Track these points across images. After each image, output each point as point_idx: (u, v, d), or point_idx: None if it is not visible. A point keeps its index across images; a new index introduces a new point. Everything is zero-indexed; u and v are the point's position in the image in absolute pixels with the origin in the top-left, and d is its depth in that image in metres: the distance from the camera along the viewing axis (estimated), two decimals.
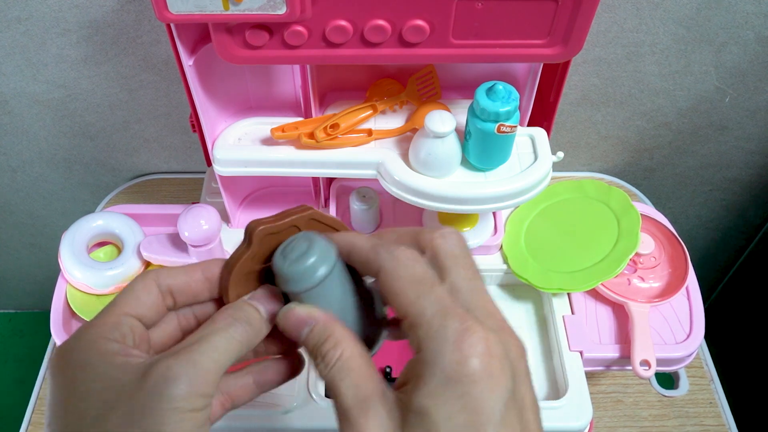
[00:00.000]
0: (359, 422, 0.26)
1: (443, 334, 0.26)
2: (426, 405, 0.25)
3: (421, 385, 0.26)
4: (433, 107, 0.54)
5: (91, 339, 0.29)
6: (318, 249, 0.30)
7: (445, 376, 0.25)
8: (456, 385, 0.25)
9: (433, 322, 0.26)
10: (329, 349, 0.28)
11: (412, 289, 0.28)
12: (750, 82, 0.72)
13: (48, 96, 0.74)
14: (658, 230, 0.65)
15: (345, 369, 0.28)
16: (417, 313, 0.27)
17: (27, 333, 1.38)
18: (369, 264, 0.30)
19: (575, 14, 0.44)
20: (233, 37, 0.45)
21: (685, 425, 0.64)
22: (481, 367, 0.25)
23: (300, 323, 0.30)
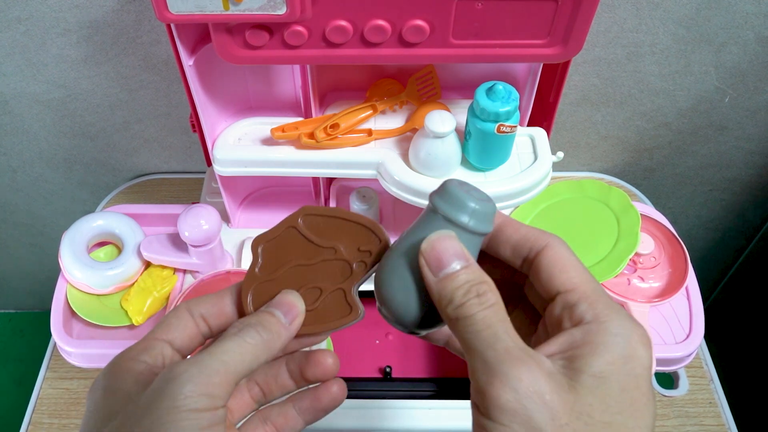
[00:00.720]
0: (528, 366, 0.25)
1: (623, 314, 0.27)
2: (608, 371, 0.25)
3: (602, 352, 0.26)
4: (433, 107, 0.54)
5: (121, 362, 0.29)
6: (493, 205, 0.29)
7: (628, 351, 0.26)
8: (634, 363, 0.26)
9: (609, 302, 0.27)
10: (488, 291, 0.27)
11: (584, 272, 0.28)
12: (750, 82, 0.72)
13: (48, 96, 0.74)
14: (658, 230, 0.65)
15: (502, 316, 0.26)
16: (591, 289, 0.27)
17: (27, 333, 1.38)
18: (531, 238, 0.29)
19: (575, 14, 0.44)
20: (233, 37, 0.45)
21: (685, 425, 0.64)
22: (650, 361, 0.26)
23: (457, 254, 0.27)
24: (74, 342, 0.59)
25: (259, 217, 0.68)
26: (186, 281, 0.63)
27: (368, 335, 0.76)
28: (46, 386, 0.70)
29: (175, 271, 0.63)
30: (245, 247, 0.64)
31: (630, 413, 0.25)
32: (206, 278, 0.58)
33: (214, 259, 0.61)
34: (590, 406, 0.25)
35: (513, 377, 0.24)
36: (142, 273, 0.63)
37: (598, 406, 0.25)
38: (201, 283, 0.57)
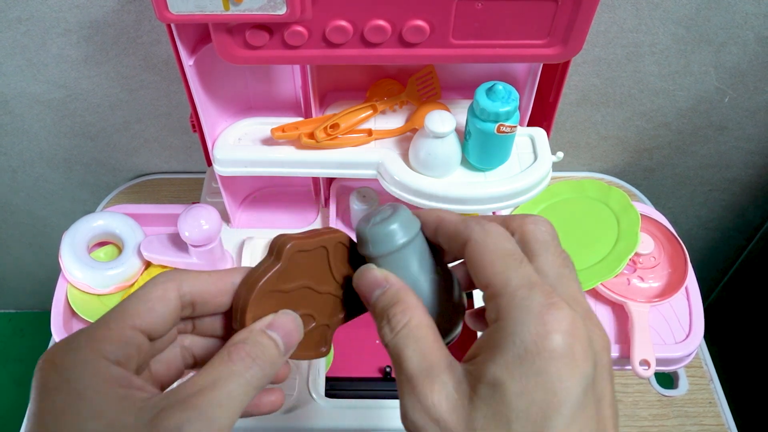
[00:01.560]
0: (424, 391, 0.25)
1: (527, 305, 0.24)
2: (500, 377, 0.23)
3: (496, 356, 0.24)
4: (433, 107, 0.54)
5: (89, 357, 0.25)
6: (401, 217, 0.30)
7: (525, 348, 0.23)
8: (534, 359, 0.23)
9: (517, 293, 0.25)
10: (397, 313, 0.27)
11: (499, 261, 0.26)
12: (749, 82, 0.72)
13: (48, 96, 0.74)
14: (658, 230, 0.65)
15: (411, 336, 0.26)
16: (502, 282, 0.25)
17: (27, 333, 1.38)
18: (458, 235, 0.28)
19: (575, 14, 0.44)
20: (233, 37, 0.45)
21: (685, 425, 0.64)
22: (563, 345, 0.23)
23: (375, 284, 0.29)
24: None
25: (259, 217, 0.68)
26: None
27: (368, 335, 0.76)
28: None
29: None
30: (245, 247, 0.64)
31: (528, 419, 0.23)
32: None
33: (214, 259, 0.61)
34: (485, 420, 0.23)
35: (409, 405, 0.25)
36: (142, 273, 0.63)
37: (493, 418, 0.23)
38: None
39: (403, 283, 0.29)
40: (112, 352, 0.25)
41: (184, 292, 0.28)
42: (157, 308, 0.27)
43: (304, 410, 0.54)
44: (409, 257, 0.30)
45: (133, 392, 0.25)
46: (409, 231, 0.30)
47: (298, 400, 0.54)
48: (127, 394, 0.25)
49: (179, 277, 0.28)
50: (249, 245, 0.64)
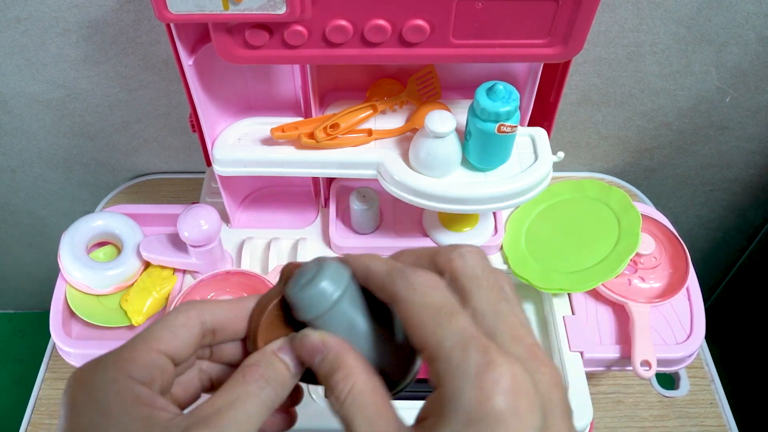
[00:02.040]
0: None
1: (464, 369, 0.23)
2: None
3: (443, 425, 0.23)
4: (433, 107, 0.54)
5: (116, 376, 0.26)
6: (328, 272, 0.28)
7: (467, 416, 0.23)
8: (479, 426, 0.22)
9: (452, 356, 0.24)
10: (339, 381, 0.27)
11: (430, 319, 0.25)
12: (750, 82, 0.72)
13: (47, 96, 0.74)
14: (659, 230, 0.65)
15: (356, 404, 0.26)
16: (436, 344, 0.24)
17: (27, 333, 1.38)
18: (384, 291, 0.27)
19: (575, 14, 0.44)
20: (233, 37, 0.45)
21: (686, 425, 0.64)
22: (506, 406, 0.23)
23: (314, 351, 0.28)
24: (73, 342, 0.59)
25: (259, 217, 0.68)
26: (186, 281, 0.63)
27: None
28: (45, 386, 0.70)
29: (175, 271, 0.63)
30: (245, 248, 0.64)
31: None
32: (206, 278, 0.57)
33: (213, 260, 0.61)
34: None
35: None
36: (141, 273, 0.63)
37: None
38: (201, 283, 0.57)
39: (343, 343, 0.28)
40: (137, 372, 0.26)
41: (205, 319, 0.29)
42: (181, 334, 0.28)
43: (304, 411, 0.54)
44: (344, 312, 0.29)
45: (157, 412, 0.26)
46: (338, 284, 0.28)
47: None
48: (151, 413, 0.26)
49: (201, 306, 0.30)
50: (249, 245, 0.64)
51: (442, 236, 0.63)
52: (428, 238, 0.63)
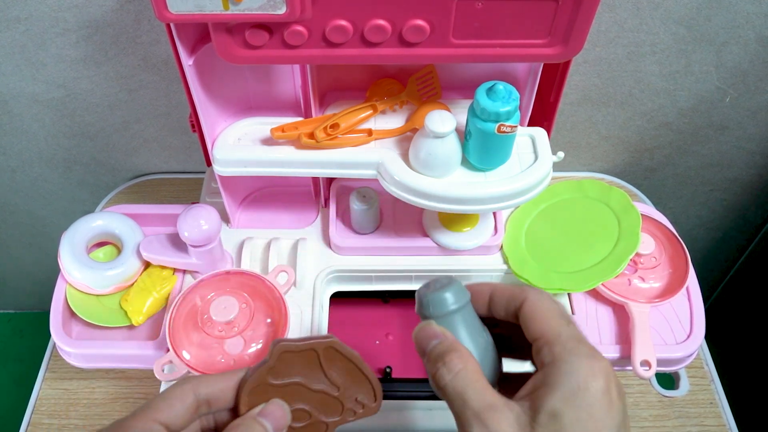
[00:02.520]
0: (492, 422, 0.30)
1: (579, 351, 0.31)
2: (559, 408, 0.30)
3: (554, 391, 0.30)
4: (433, 107, 0.54)
5: None
6: (456, 288, 0.36)
7: (577, 385, 0.30)
8: (585, 395, 0.30)
9: (569, 342, 0.32)
10: (453, 359, 0.33)
11: (553, 318, 0.33)
12: (750, 81, 0.72)
13: (47, 96, 0.74)
14: (659, 230, 0.65)
15: (468, 379, 0.32)
16: (555, 334, 0.32)
17: (27, 333, 1.38)
18: (514, 297, 0.35)
19: (575, 14, 0.44)
20: (233, 37, 0.45)
21: (686, 425, 0.64)
22: (605, 387, 0.30)
23: (433, 335, 0.34)
24: (74, 342, 0.59)
25: (259, 217, 0.68)
26: (186, 281, 0.63)
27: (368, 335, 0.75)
28: (45, 386, 0.70)
29: (175, 271, 0.63)
30: (245, 248, 0.64)
31: None
32: (206, 278, 0.57)
33: (213, 260, 0.61)
34: None
35: (476, 427, 0.30)
36: (141, 273, 0.63)
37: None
38: (201, 283, 0.57)
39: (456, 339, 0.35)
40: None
41: (200, 392, 0.34)
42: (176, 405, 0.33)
43: None
44: (458, 321, 0.36)
45: None
46: (460, 299, 0.36)
47: None
48: None
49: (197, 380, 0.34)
50: (249, 245, 0.64)
51: (442, 236, 0.63)
52: (428, 238, 0.63)
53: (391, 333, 0.75)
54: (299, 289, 0.62)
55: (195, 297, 0.57)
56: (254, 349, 0.55)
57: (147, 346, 0.58)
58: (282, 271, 0.60)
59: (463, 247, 0.63)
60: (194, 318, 0.56)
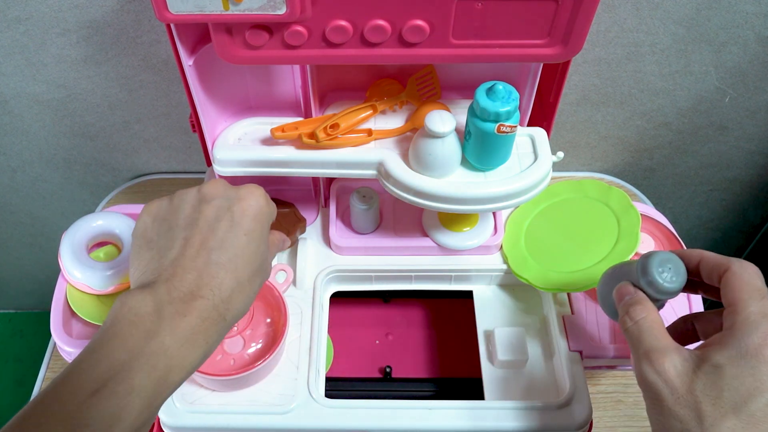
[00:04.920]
0: (660, 361, 0.37)
1: (757, 324, 0.36)
2: (723, 363, 0.35)
3: (724, 350, 0.36)
4: (433, 107, 0.54)
5: None
6: (681, 273, 0.43)
7: (746, 349, 0.35)
8: (752, 358, 0.35)
9: (752, 315, 0.36)
10: (639, 309, 0.41)
11: (748, 290, 0.38)
12: (750, 82, 0.72)
13: (48, 96, 0.74)
14: (658, 230, 0.65)
15: (647, 325, 0.40)
16: (744, 305, 0.37)
17: (27, 333, 1.38)
18: (719, 265, 0.41)
19: (575, 14, 0.44)
20: (233, 37, 0.45)
21: None
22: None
23: (626, 292, 0.43)
24: (74, 342, 0.59)
25: None
26: None
27: (368, 335, 0.75)
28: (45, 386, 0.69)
29: None
30: None
31: (736, 391, 0.35)
32: None
33: None
34: (704, 386, 0.35)
35: (646, 370, 0.38)
36: None
37: (710, 386, 0.35)
38: None
39: (645, 296, 0.42)
40: None
41: None
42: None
43: (304, 410, 0.54)
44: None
45: None
46: (682, 283, 0.43)
47: (298, 401, 0.54)
48: None
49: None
50: None
51: (441, 236, 0.63)
52: (428, 237, 0.63)
53: (391, 333, 0.75)
54: (299, 288, 0.62)
55: None
56: (254, 348, 0.55)
57: None
58: (280, 269, 0.60)
59: (462, 247, 0.63)
60: None
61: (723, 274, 0.39)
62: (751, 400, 0.34)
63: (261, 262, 0.41)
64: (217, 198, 0.41)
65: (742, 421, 0.34)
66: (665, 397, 0.36)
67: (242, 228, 0.40)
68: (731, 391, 0.35)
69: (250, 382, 0.55)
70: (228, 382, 0.53)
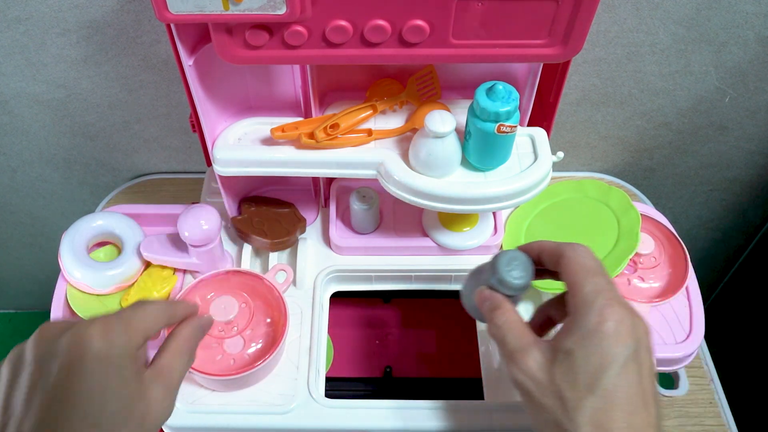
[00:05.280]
0: (523, 360, 0.39)
1: (592, 302, 0.38)
2: (572, 347, 0.37)
3: (570, 334, 0.38)
4: (433, 107, 0.54)
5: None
6: (527, 269, 0.44)
7: (587, 330, 0.37)
8: (594, 337, 0.37)
9: (587, 294, 0.38)
10: (499, 313, 0.42)
11: (580, 273, 0.40)
12: (750, 82, 0.72)
13: (48, 96, 0.74)
14: (658, 230, 0.65)
15: (508, 327, 0.41)
16: (579, 288, 0.39)
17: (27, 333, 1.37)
18: (554, 253, 0.42)
19: (575, 14, 0.44)
20: (233, 37, 0.45)
21: (685, 425, 0.64)
22: (614, 329, 0.37)
23: (486, 297, 0.44)
24: None
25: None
26: (186, 281, 0.63)
27: (368, 335, 0.76)
28: None
29: (175, 271, 0.63)
30: (245, 247, 0.64)
31: (588, 372, 0.37)
32: (206, 278, 0.58)
33: (214, 259, 0.61)
34: (562, 374, 0.37)
35: (513, 370, 0.40)
36: (142, 273, 0.63)
37: (567, 372, 0.37)
38: (201, 283, 0.57)
39: (504, 298, 0.43)
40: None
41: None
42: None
43: (304, 410, 0.54)
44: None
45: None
46: (529, 278, 0.44)
47: (298, 401, 0.54)
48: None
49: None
50: (249, 245, 0.64)
51: (441, 236, 0.63)
52: (428, 237, 0.63)
53: (391, 333, 0.75)
54: (299, 288, 0.62)
55: (195, 297, 0.57)
56: (254, 348, 0.55)
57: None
58: (280, 269, 0.60)
59: (462, 247, 0.63)
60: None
61: (559, 261, 0.41)
62: (602, 375, 0.36)
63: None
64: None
65: (599, 397, 0.36)
66: (533, 392, 0.39)
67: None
68: (584, 372, 0.37)
69: (250, 382, 0.55)
70: (228, 382, 0.53)
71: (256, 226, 0.63)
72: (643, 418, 0.36)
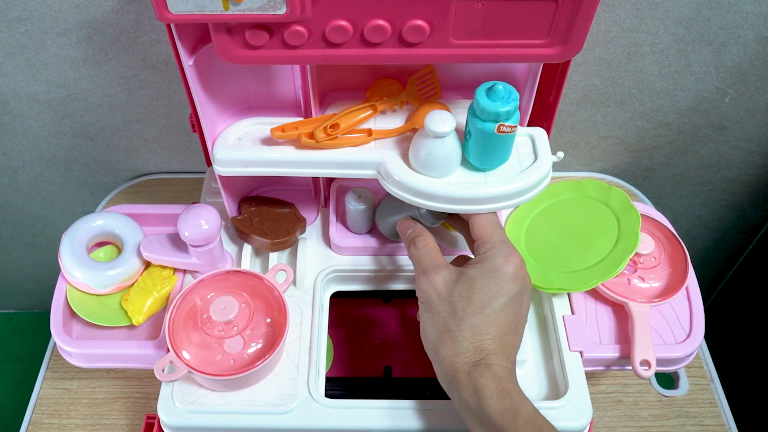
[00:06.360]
0: (432, 275, 0.49)
1: (500, 249, 0.49)
2: (476, 275, 0.48)
3: (478, 266, 0.48)
4: (433, 107, 0.54)
5: None
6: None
7: (493, 266, 0.48)
8: (496, 272, 0.47)
9: (496, 243, 0.49)
10: (421, 240, 0.52)
11: (489, 227, 0.50)
12: (750, 82, 0.72)
13: (48, 96, 0.74)
14: (658, 230, 0.65)
15: (428, 250, 0.51)
16: (489, 235, 0.50)
17: (27, 333, 1.38)
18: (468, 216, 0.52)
19: (575, 14, 0.44)
20: (233, 37, 0.45)
21: (685, 425, 0.64)
22: (512, 271, 0.48)
23: (408, 226, 0.54)
24: (74, 342, 0.59)
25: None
26: (186, 281, 0.63)
27: (368, 335, 0.75)
28: (46, 386, 0.70)
29: (175, 271, 0.63)
30: (245, 247, 0.64)
31: (483, 295, 0.47)
32: (206, 278, 0.58)
33: (214, 259, 0.61)
34: (460, 291, 0.47)
35: (423, 282, 0.49)
36: (142, 273, 0.63)
37: (465, 291, 0.47)
38: (201, 283, 0.57)
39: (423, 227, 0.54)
40: None
41: None
42: None
43: (304, 410, 0.54)
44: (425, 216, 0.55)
45: None
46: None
47: (298, 401, 0.54)
48: None
49: None
50: (249, 245, 0.64)
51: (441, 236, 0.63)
52: None
53: (391, 333, 0.75)
54: (299, 288, 0.62)
55: (195, 297, 0.57)
56: (254, 348, 0.55)
57: (147, 346, 0.58)
58: (280, 269, 0.60)
59: (463, 247, 0.63)
60: (194, 318, 0.56)
61: (470, 218, 0.51)
62: (494, 300, 0.46)
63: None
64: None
65: (485, 316, 0.46)
66: (433, 300, 0.48)
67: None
68: (480, 294, 0.46)
69: (250, 382, 0.55)
70: (228, 382, 0.53)
71: (256, 226, 0.63)
72: (510, 338, 0.47)
